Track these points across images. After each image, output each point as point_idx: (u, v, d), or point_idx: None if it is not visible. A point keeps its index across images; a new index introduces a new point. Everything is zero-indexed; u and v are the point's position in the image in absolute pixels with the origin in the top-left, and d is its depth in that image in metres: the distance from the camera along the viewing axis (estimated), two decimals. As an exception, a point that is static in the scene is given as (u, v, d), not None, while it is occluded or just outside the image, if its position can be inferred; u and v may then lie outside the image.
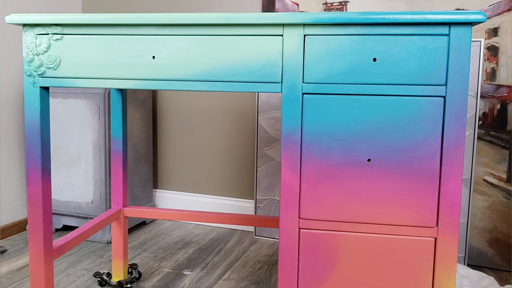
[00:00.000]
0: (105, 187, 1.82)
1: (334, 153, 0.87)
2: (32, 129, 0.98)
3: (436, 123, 0.84)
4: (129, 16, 0.91)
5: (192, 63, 0.91)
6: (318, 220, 0.89)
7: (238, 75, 0.90)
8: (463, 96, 0.83)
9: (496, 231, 1.60)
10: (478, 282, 1.33)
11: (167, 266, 1.62)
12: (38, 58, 0.96)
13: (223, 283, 1.49)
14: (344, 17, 0.84)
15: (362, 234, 0.88)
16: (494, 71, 1.57)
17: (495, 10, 1.56)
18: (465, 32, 0.82)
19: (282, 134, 0.89)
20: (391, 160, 0.86)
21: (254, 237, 1.94)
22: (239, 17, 0.87)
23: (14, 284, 1.44)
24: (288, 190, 0.89)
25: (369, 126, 0.86)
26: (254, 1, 1.94)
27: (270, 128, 1.86)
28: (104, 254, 1.71)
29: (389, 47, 0.84)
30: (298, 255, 0.91)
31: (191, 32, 0.90)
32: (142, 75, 0.93)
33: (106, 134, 1.79)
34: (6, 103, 1.90)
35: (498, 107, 1.58)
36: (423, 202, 0.86)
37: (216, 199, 2.10)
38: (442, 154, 0.84)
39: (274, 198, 1.88)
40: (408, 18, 0.82)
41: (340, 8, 1.77)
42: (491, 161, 1.59)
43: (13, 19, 0.95)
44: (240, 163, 2.05)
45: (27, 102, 0.98)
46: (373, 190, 0.87)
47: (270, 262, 1.67)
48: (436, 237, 0.86)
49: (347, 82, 0.86)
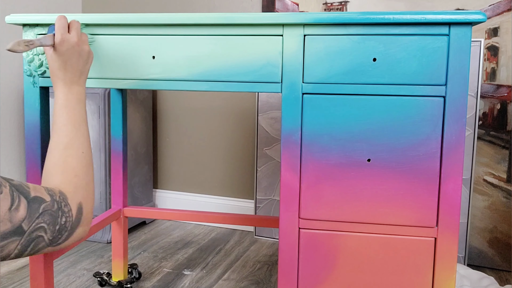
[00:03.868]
0: (105, 187, 1.82)
1: (334, 153, 0.87)
2: (32, 129, 0.98)
3: (436, 123, 0.84)
4: (129, 16, 0.91)
5: (192, 63, 0.91)
6: (318, 220, 0.89)
7: (238, 75, 0.90)
8: (463, 96, 0.83)
9: (496, 231, 1.60)
10: (478, 282, 1.33)
11: (167, 266, 1.62)
12: (38, 58, 0.96)
13: (223, 283, 1.49)
14: (344, 17, 0.84)
15: (362, 234, 0.88)
16: (494, 71, 1.57)
17: (495, 10, 1.56)
18: (465, 32, 0.82)
19: (282, 134, 0.89)
20: (391, 160, 0.86)
21: (254, 237, 1.94)
22: (239, 17, 0.87)
23: (14, 284, 1.44)
24: (288, 190, 0.89)
25: (369, 126, 0.86)
26: (254, 1, 1.94)
27: (270, 128, 1.86)
28: (104, 254, 1.71)
29: (389, 47, 0.84)
30: (298, 255, 0.91)
31: (191, 32, 0.90)
32: (142, 75, 0.93)
33: (106, 134, 1.79)
34: (6, 103, 1.90)
35: (498, 107, 1.58)
36: (423, 202, 0.86)
37: (216, 199, 2.10)
38: (442, 154, 0.84)
39: (274, 198, 1.88)
40: (408, 18, 0.82)
41: (340, 8, 1.77)
42: (491, 161, 1.59)
43: (13, 19, 0.95)
44: (240, 163, 2.05)
45: (27, 102, 0.98)
46: (373, 190, 0.87)
47: (270, 262, 1.67)
48: (436, 237, 0.86)
49: (347, 82, 0.86)
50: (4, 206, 0.57)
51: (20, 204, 0.60)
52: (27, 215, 0.60)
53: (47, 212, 0.63)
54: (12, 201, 0.58)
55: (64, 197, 0.69)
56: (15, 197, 0.59)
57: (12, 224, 0.58)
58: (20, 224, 0.59)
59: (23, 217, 0.60)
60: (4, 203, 0.57)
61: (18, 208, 0.59)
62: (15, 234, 0.59)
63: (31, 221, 0.61)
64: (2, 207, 0.57)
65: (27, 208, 0.60)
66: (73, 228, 0.68)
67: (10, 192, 0.59)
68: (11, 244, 0.59)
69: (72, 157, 0.76)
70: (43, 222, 0.62)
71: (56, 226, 0.65)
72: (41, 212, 0.62)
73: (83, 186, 0.74)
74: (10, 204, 0.58)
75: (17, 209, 0.59)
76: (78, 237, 0.70)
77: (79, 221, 0.69)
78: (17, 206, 0.59)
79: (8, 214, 0.58)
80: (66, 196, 0.69)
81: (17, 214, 0.59)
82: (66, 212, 0.67)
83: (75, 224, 0.69)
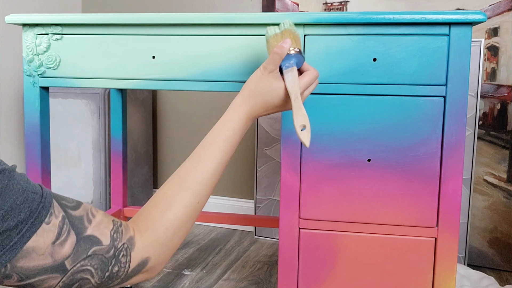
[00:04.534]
0: (105, 187, 1.82)
1: (334, 153, 0.87)
2: (32, 129, 0.98)
3: (436, 123, 0.84)
4: (129, 16, 0.91)
5: (192, 63, 0.91)
6: (318, 220, 0.89)
7: (238, 75, 0.89)
8: (463, 96, 0.83)
9: (496, 231, 1.60)
10: (478, 282, 1.33)
11: (167, 266, 1.62)
12: (38, 58, 0.96)
13: (223, 283, 1.49)
14: (344, 17, 0.84)
15: (362, 234, 0.88)
16: (494, 71, 1.57)
17: (495, 10, 1.56)
18: (465, 32, 0.82)
19: (282, 134, 0.88)
20: (391, 160, 0.86)
21: (254, 237, 1.94)
22: (239, 17, 0.87)
23: (14, 284, 1.44)
24: (288, 190, 0.89)
25: (369, 126, 0.86)
26: (254, 1, 1.94)
27: (270, 128, 1.86)
28: (104, 254, 1.70)
29: (389, 47, 0.84)
30: (298, 255, 0.91)
31: (191, 32, 0.90)
32: (142, 75, 0.93)
33: (106, 134, 1.79)
34: (6, 103, 1.90)
35: (498, 107, 1.58)
36: (423, 202, 0.86)
37: (216, 199, 2.10)
38: (442, 154, 0.84)
39: (274, 198, 1.88)
40: (408, 18, 0.82)
41: (340, 8, 1.77)
42: (491, 161, 1.59)
43: (13, 19, 0.95)
44: (240, 163, 2.05)
45: (27, 102, 0.98)
46: (373, 190, 0.87)
47: (270, 262, 1.67)
48: (436, 237, 0.86)
49: (347, 82, 0.86)
50: (48, 238, 0.53)
51: (67, 239, 0.55)
52: (72, 253, 0.55)
53: (97, 256, 0.57)
54: (58, 235, 0.54)
55: (130, 246, 0.61)
56: (63, 231, 0.54)
57: (53, 259, 0.54)
58: (63, 262, 0.55)
59: (67, 254, 0.55)
60: (48, 235, 0.53)
61: (64, 244, 0.54)
62: (56, 271, 0.54)
63: (76, 260, 0.56)
64: (46, 240, 0.53)
65: (74, 246, 0.55)
66: (128, 277, 0.61)
67: (60, 224, 0.54)
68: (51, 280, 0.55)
69: (185, 205, 0.67)
70: (89, 265, 0.57)
71: (105, 272, 0.58)
72: (89, 254, 0.57)
73: (164, 242, 0.64)
74: (55, 238, 0.54)
75: (62, 245, 0.54)
76: (135, 282, 0.64)
77: (136, 272, 0.62)
78: (63, 241, 0.54)
79: (51, 248, 0.53)
80: (133, 247, 0.61)
81: (61, 250, 0.54)
82: (122, 263, 0.60)
83: (131, 275, 0.62)
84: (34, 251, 0.52)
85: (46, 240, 0.53)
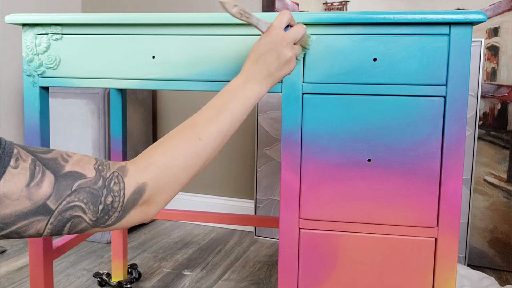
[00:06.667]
0: (105, 187, 1.81)
1: (334, 153, 0.87)
2: (32, 129, 0.98)
3: (436, 123, 0.84)
4: (129, 16, 0.91)
5: (192, 63, 0.91)
6: (318, 220, 0.89)
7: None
8: (464, 96, 0.83)
9: (497, 231, 1.60)
10: (479, 283, 1.32)
11: (167, 266, 1.62)
12: (37, 58, 0.96)
13: (223, 283, 1.49)
14: (344, 17, 0.84)
15: (362, 234, 0.88)
16: (494, 71, 1.57)
17: (496, 10, 1.56)
18: (465, 32, 0.82)
19: (282, 134, 0.88)
20: (391, 160, 0.86)
21: (254, 237, 1.94)
22: (239, 17, 0.87)
23: (14, 284, 1.44)
24: (288, 190, 0.89)
25: (369, 126, 0.86)
26: (254, 1, 1.94)
27: (270, 128, 1.86)
28: (104, 255, 1.71)
29: (390, 47, 0.84)
30: (298, 255, 0.91)
31: (191, 32, 0.90)
32: (142, 75, 0.93)
33: (106, 134, 1.79)
34: (6, 103, 1.90)
35: (499, 107, 1.58)
36: (423, 202, 0.86)
37: (216, 199, 2.10)
38: (442, 154, 0.84)
39: (274, 198, 1.88)
40: (408, 18, 0.82)
41: (340, 8, 1.77)
42: (492, 161, 1.59)
43: (13, 19, 0.95)
44: (240, 163, 2.05)
45: (27, 102, 0.98)
46: (373, 190, 0.87)
47: (270, 262, 1.67)
48: (436, 237, 0.86)
49: (347, 82, 0.86)
50: (19, 182, 0.51)
51: (44, 179, 0.52)
52: (54, 192, 0.53)
53: (84, 189, 0.55)
54: (31, 176, 0.52)
55: (122, 174, 0.58)
56: (36, 172, 0.52)
57: (32, 202, 0.51)
58: (45, 202, 0.52)
59: (47, 194, 0.52)
60: (19, 179, 0.51)
61: (40, 184, 0.52)
62: (39, 213, 0.52)
63: (60, 199, 0.53)
64: (18, 183, 0.51)
65: (53, 184, 0.53)
66: (125, 209, 0.58)
67: (30, 166, 0.52)
68: (36, 223, 0.52)
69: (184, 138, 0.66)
70: (77, 201, 0.54)
71: (98, 205, 0.56)
72: (74, 189, 0.54)
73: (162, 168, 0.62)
74: (29, 180, 0.51)
75: (39, 185, 0.52)
76: (134, 220, 0.60)
77: (134, 202, 0.59)
78: (39, 182, 0.52)
79: (26, 191, 0.51)
80: (125, 173, 0.59)
81: (38, 191, 0.52)
82: (115, 191, 0.57)
83: (128, 205, 0.58)
84: (6, 197, 0.50)
85: (18, 184, 0.51)
